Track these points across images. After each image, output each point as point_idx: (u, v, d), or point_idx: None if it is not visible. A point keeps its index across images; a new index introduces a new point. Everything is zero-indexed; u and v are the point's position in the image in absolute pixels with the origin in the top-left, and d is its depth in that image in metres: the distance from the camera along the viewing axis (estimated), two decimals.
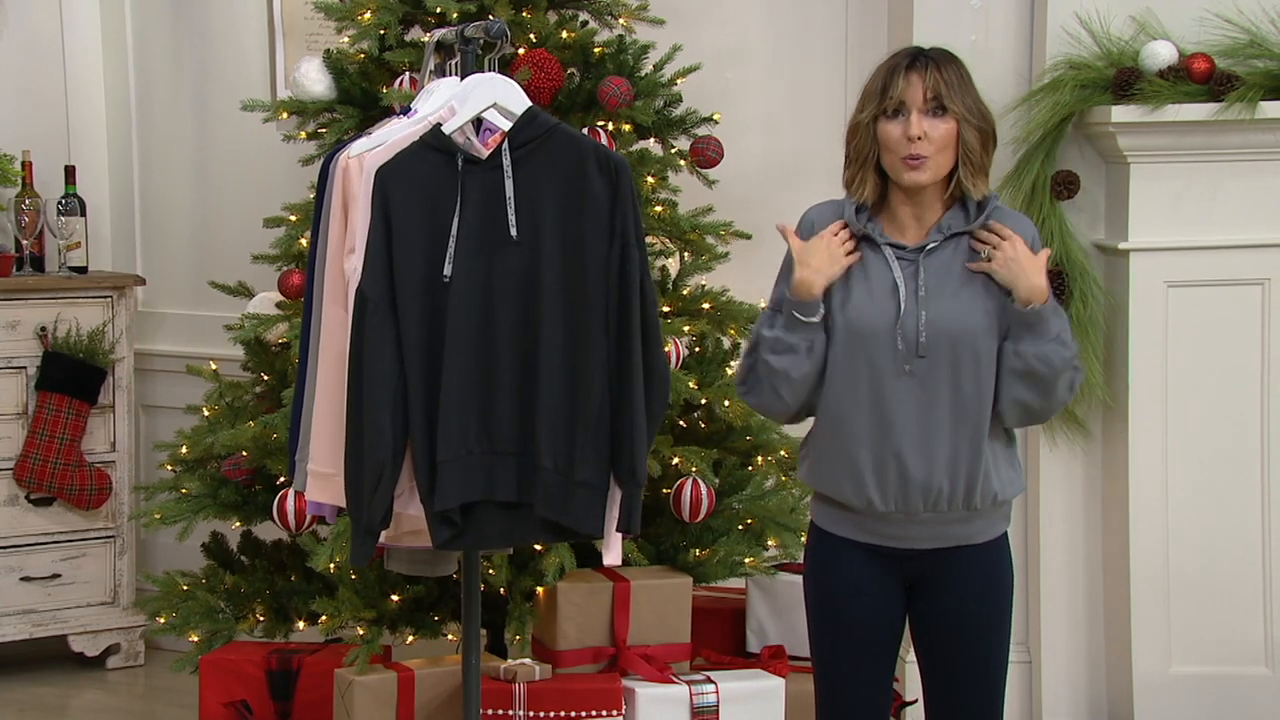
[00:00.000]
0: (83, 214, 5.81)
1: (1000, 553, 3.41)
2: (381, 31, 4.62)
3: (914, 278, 3.29)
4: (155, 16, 6.07)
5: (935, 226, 3.33)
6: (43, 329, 5.64)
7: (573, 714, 4.19)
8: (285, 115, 4.74)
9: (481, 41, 3.63)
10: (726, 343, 4.80)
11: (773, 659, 4.51)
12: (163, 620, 4.71)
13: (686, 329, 4.59)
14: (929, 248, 3.30)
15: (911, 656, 4.86)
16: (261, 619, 4.65)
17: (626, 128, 4.62)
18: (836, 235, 3.33)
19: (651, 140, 4.78)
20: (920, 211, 3.35)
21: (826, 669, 3.44)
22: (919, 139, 3.26)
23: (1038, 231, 3.44)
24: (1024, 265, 3.29)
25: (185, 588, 4.73)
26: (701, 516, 4.49)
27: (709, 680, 4.31)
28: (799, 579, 4.60)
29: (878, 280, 3.31)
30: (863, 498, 3.33)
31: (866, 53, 5.31)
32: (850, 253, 3.32)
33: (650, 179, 4.66)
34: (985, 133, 3.33)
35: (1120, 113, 4.71)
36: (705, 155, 4.74)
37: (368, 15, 4.63)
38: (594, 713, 4.19)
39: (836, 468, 3.36)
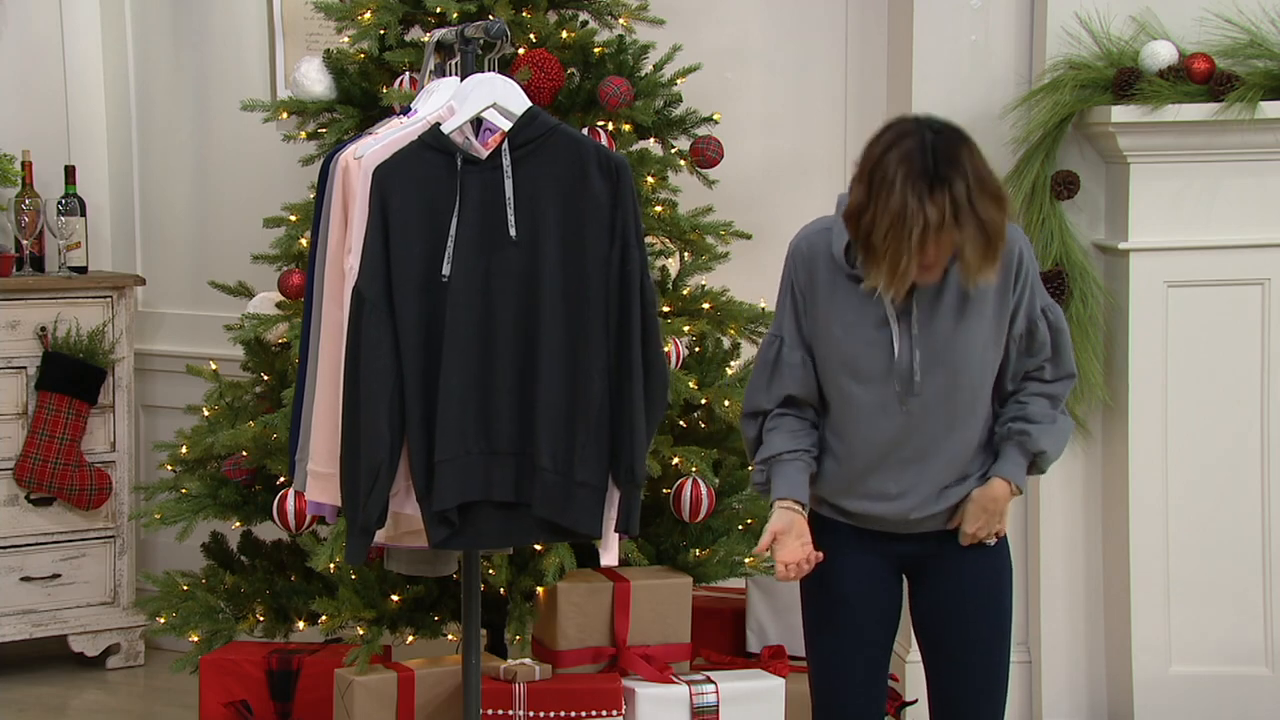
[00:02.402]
0: (83, 214, 5.81)
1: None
2: (381, 31, 4.62)
3: (907, 313, 3.28)
4: (155, 16, 6.07)
5: None
6: (43, 329, 5.64)
7: (573, 714, 4.18)
8: (285, 115, 4.74)
9: (481, 41, 3.63)
10: (726, 343, 4.79)
11: (773, 659, 4.51)
12: (163, 620, 4.71)
13: (686, 329, 4.59)
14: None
15: (912, 656, 4.88)
16: (261, 619, 4.64)
17: (626, 128, 4.62)
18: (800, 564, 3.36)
19: (651, 140, 4.77)
20: None
21: (821, 658, 3.45)
22: (934, 265, 3.20)
23: (1023, 236, 3.42)
24: (985, 518, 3.37)
25: (185, 588, 4.73)
26: (701, 516, 4.49)
27: (709, 680, 4.31)
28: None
29: (868, 318, 3.29)
30: (862, 513, 3.39)
31: (866, 54, 5.33)
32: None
33: (650, 179, 4.66)
34: (991, 245, 3.20)
35: (1120, 113, 4.71)
36: (705, 155, 4.74)
37: (368, 15, 4.62)
38: (594, 713, 4.19)
39: (838, 488, 3.40)
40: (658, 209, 4.66)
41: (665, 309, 4.64)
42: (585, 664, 4.36)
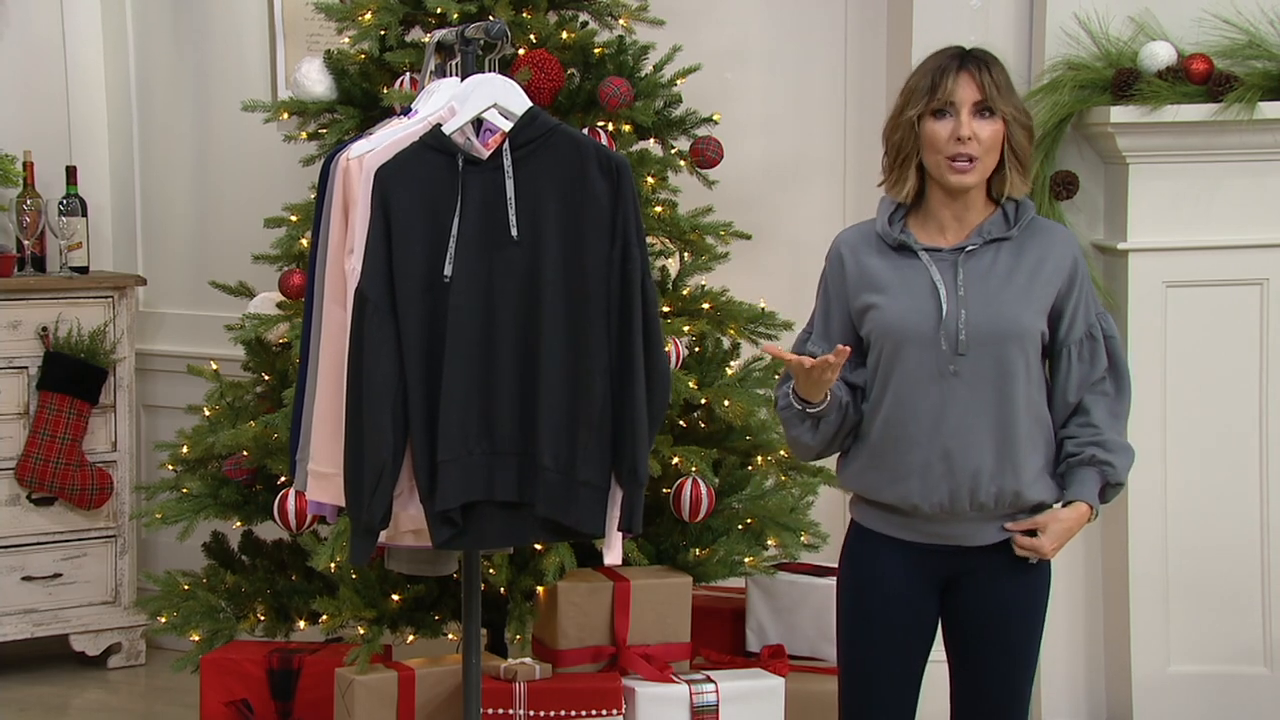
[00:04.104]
0: (84, 214, 5.80)
1: None
2: (382, 32, 4.61)
3: (953, 279, 3.27)
4: (156, 17, 6.06)
5: (976, 230, 3.30)
6: (44, 329, 5.63)
7: (573, 713, 4.17)
8: (286, 116, 4.73)
9: (482, 42, 3.62)
10: (726, 343, 4.78)
11: (772, 658, 4.49)
12: (164, 620, 4.70)
13: (686, 329, 4.58)
14: (968, 249, 3.28)
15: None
16: (262, 618, 4.63)
17: (626, 128, 4.60)
18: (810, 366, 3.23)
19: (651, 141, 4.76)
20: (961, 212, 3.31)
21: (854, 669, 3.40)
22: (969, 139, 3.24)
23: (1077, 241, 3.41)
24: (1064, 540, 3.32)
25: (186, 587, 4.72)
26: (701, 516, 4.47)
27: (709, 679, 4.29)
28: (799, 578, 4.63)
29: (917, 285, 3.28)
30: (908, 503, 3.31)
31: (866, 54, 5.32)
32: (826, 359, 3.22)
33: (650, 179, 4.65)
34: (1031, 134, 3.31)
35: (1119, 113, 4.70)
36: (705, 155, 4.73)
37: (368, 16, 4.61)
38: (594, 712, 4.18)
39: (881, 471, 3.33)
40: (658, 209, 4.65)
41: (665, 309, 4.63)
42: (585, 663, 4.35)
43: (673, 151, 4.78)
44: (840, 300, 3.37)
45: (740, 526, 4.64)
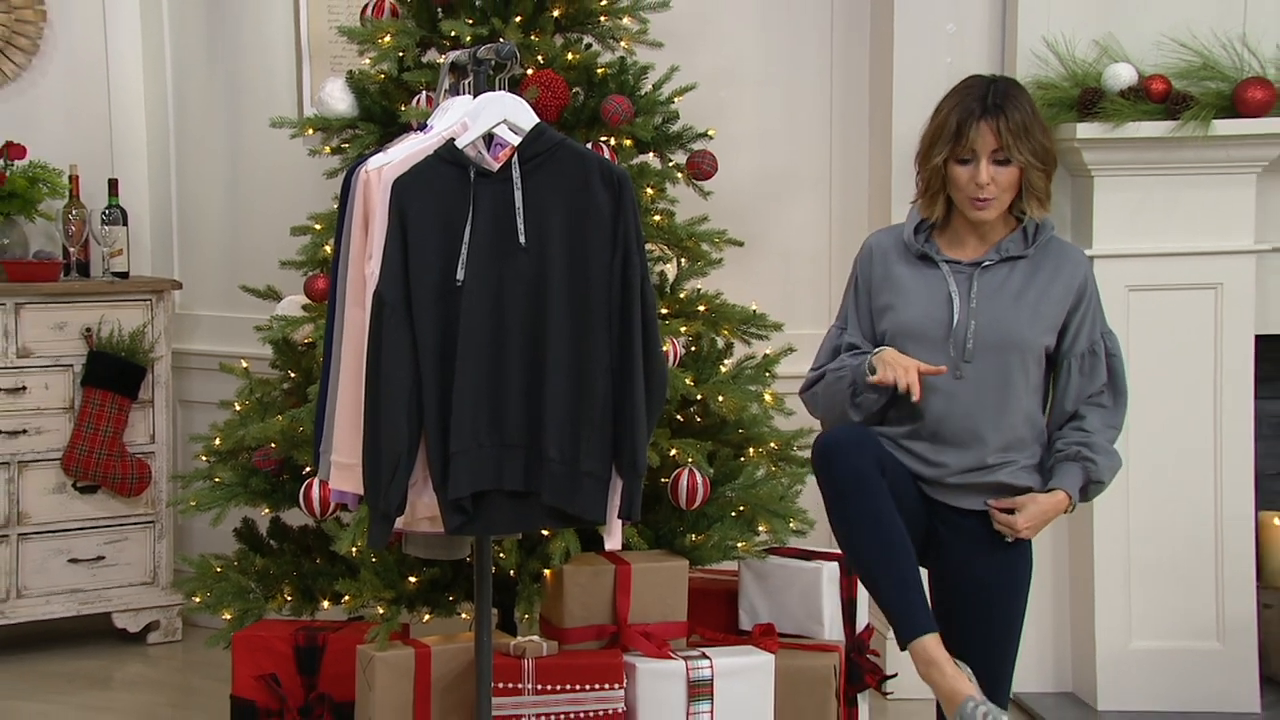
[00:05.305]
0: (125, 223, 5.81)
1: None
2: (400, 54, 4.61)
3: (967, 290, 3.32)
4: (192, 42, 6.07)
5: (994, 246, 3.35)
6: (88, 330, 5.64)
7: (577, 687, 4.17)
8: (311, 131, 4.72)
9: (493, 63, 3.62)
10: (721, 342, 4.78)
11: (763, 636, 4.49)
12: (198, 599, 4.70)
13: (684, 330, 4.57)
14: (984, 264, 3.33)
15: (892, 637, 4.85)
16: (289, 598, 4.63)
17: (627, 143, 4.60)
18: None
19: (651, 154, 4.76)
20: (983, 232, 3.40)
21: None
22: (987, 184, 3.30)
23: (1088, 262, 3.46)
24: (1038, 521, 3.38)
25: (219, 569, 4.72)
26: (697, 504, 4.47)
27: (704, 656, 4.29)
28: (788, 562, 4.63)
29: (934, 292, 3.34)
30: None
31: (850, 74, 5.32)
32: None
33: (650, 190, 4.64)
34: (1048, 172, 3.35)
35: (1084, 130, 4.71)
36: (701, 168, 4.73)
37: (387, 39, 4.61)
38: (597, 686, 4.18)
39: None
40: (656, 218, 4.65)
41: (664, 311, 4.63)
42: (589, 641, 4.35)
43: (671, 164, 4.77)
44: (866, 295, 3.42)
45: (733, 514, 4.63)
